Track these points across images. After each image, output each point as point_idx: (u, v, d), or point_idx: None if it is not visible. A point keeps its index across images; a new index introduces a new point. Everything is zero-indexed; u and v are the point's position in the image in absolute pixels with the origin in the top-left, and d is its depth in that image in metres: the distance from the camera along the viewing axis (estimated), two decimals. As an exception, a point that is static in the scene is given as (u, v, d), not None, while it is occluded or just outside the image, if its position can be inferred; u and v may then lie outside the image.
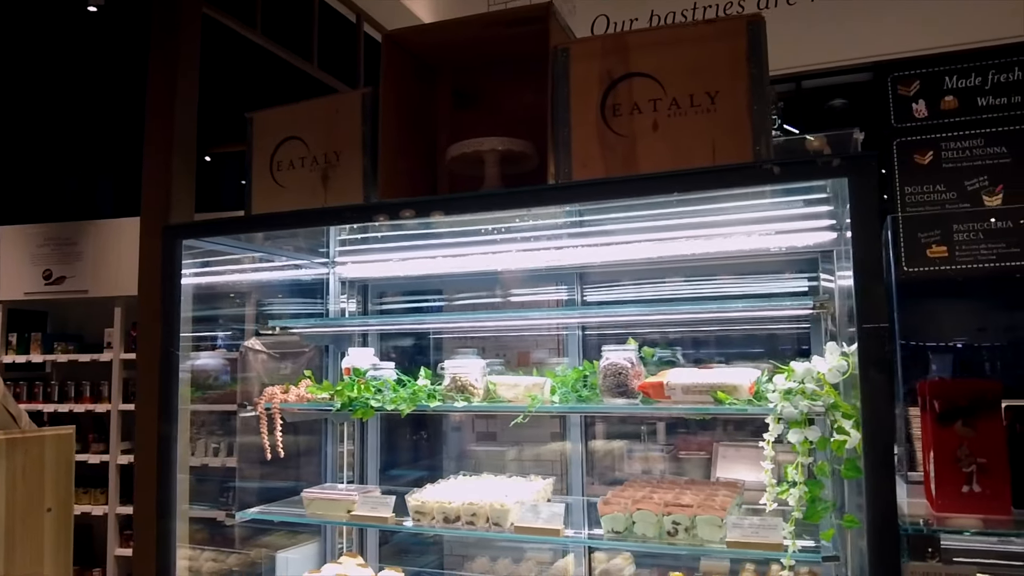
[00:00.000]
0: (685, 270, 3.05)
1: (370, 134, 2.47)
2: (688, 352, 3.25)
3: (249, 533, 3.68)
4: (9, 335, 6.26)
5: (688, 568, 2.92)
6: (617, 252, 2.90)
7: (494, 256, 3.02)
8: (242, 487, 3.58)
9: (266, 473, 3.30)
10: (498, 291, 3.37)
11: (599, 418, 3.44)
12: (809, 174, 1.84)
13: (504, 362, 3.45)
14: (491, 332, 3.54)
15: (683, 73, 2.06)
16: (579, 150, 2.14)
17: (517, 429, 3.70)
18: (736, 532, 2.15)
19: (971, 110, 4.85)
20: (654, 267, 3.04)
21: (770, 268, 2.96)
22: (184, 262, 2.74)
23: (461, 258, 3.05)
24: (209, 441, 5.87)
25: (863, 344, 1.84)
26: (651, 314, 2.79)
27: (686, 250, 2.77)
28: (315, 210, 2.47)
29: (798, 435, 2.12)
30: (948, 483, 1.94)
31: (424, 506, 2.55)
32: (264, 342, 3.64)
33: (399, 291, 3.55)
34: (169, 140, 2.84)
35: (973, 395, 1.95)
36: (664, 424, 3.61)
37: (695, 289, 3.03)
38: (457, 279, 3.35)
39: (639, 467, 3.52)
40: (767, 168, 1.84)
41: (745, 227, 2.65)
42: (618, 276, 3.17)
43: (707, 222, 2.62)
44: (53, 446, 2.93)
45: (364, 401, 2.69)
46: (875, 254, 1.83)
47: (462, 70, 2.74)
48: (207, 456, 5.82)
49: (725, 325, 3.07)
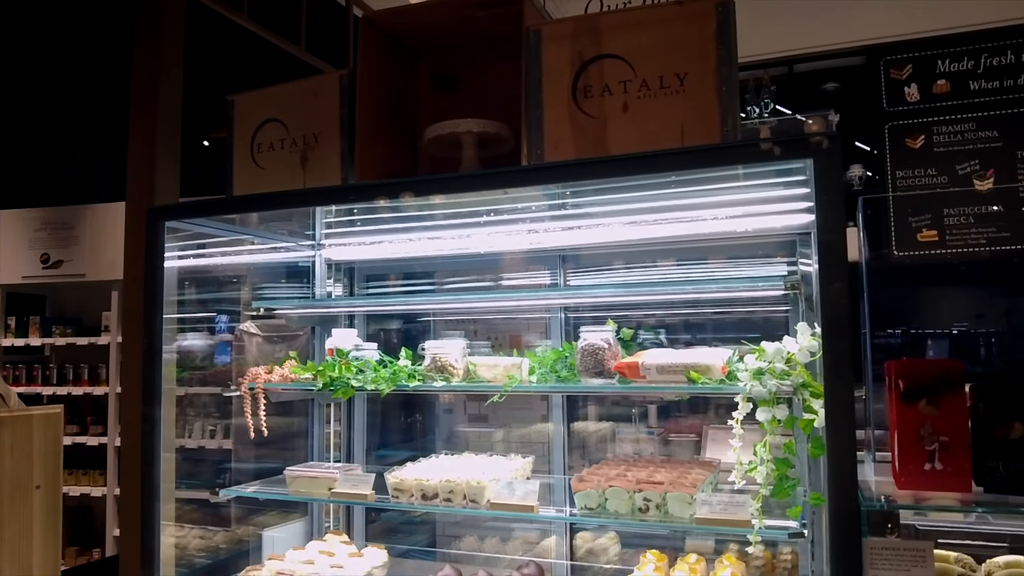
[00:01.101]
0: (666, 253, 3.07)
1: (348, 116, 2.50)
2: (674, 336, 3.28)
3: (243, 513, 3.73)
4: (8, 319, 6.33)
5: (673, 548, 2.96)
6: (599, 235, 2.92)
7: (478, 239, 3.05)
8: (236, 467, 3.64)
9: (260, 454, 3.35)
10: (482, 274, 3.40)
11: (591, 400, 3.48)
12: (773, 156, 1.85)
13: (492, 345, 3.49)
14: (478, 315, 3.57)
15: (653, 55, 2.08)
16: (551, 132, 2.16)
17: (506, 411, 3.75)
18: (705, 509, 2.18)
19: (963, 94, 4.85)
20: (635, 250, 3.07)
21: (753, 251, 2.98)
22: (172, 246, 2.77)
23: (445, 241, 3.07)
24: (206, 423, 5.93)
25: (826, 324, 1.87)
26: (629, 296, 2.82)
27: (667, 233, 2.80)
28: (290, 192, 2.50)
29: (766, 414, 2.15)
30: (911, 461, 1.97)
31: (403, 483, 2.59)
32: (259, 325, 3.68)
33: (385, 274, 3.58)
34: (153, 126, 2.86)
35: (937, 374, 1.97)
36: (655, 407, 3.65)
37: (675, 272, 3.05)
38: (442, 262, 3.38)
39: (629, 448, 3.56)
40: (733, 149, 1.86)
41: (727, 209, 2.66)
42: (600, 259, 3.19)
43: (687, 204, 2.63)
44: (41, 425, 2.97)
45: (345, 381, 2.73)
46: (838, 235, 1.85)
47: (441, 52, 2.76)
48: (204, 438, 5.87)
49: (706, 307, 3.09)
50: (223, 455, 5.59)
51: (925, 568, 1.80)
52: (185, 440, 5.91)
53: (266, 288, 3.80)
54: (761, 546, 3.11)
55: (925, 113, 4.91)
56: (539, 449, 3.46)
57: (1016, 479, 1.89)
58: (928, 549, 1.81)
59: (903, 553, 1.82)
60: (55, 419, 3.04)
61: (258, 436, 3.01)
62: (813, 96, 5.35)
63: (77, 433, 6.20)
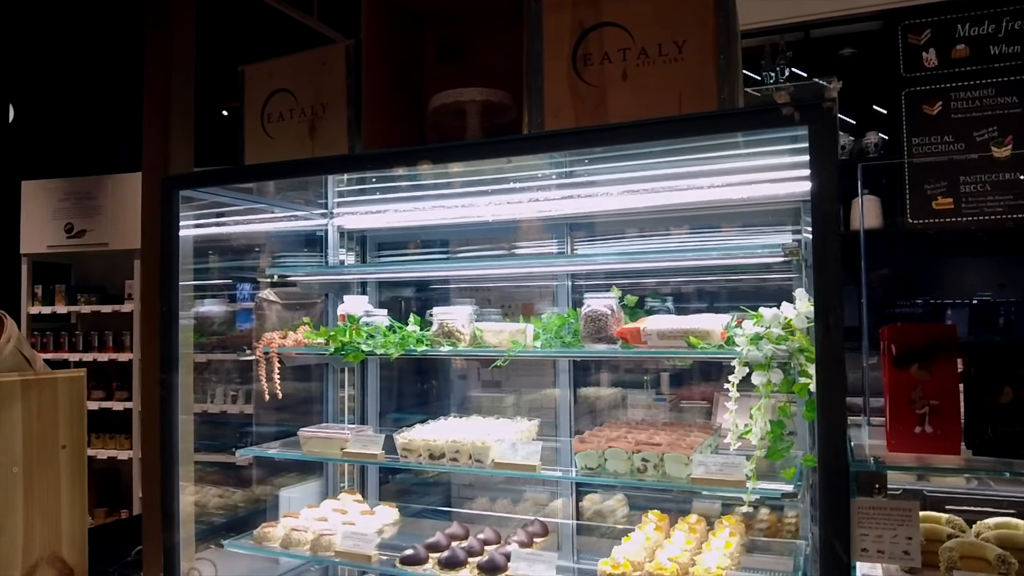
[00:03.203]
0: (673, 221, 3.10)
1: (354, 86, 2.54)
2: (683, 303, 3.32)
3: (264, 474, 3.86)
4: (35, 287, 6.49)
5: (682, 511, 3.03)
6: (605, 203, 2.95)
7: (486, 208, 3.09)
8: (256, 431, 3.75)
9: (280, 418, 3.46)
10: (491, 243, 3.45)
11: (602, 366, 3.54)
12: (768, 123, 1.87)
13: (505, 313, 3.55)
14: (489, 283, 3.63)
15: (652, 22, 2.09)
16: (551, 100, 2.19)
17: (519, 376, 3.82)
18: (700, 469, 2.24)
19: (983, 59, 4.76)
20: (642, 218, 3.10)
21: (762, 219, 2.99)
22: (187, 215, 2.85)
23: (454, 210, 3.12)
24: (228, 388, 6.08)
25: (818, 290, 1.90)
26: (632, 263, 2.86)
27: (673, 201, 2.82)
28: (294, 161, 2.56)
29: (761, 377, 2.19)
30: (901, 423, 2.01)
31: (411, 444, 2.68)
32: (278, 293, 3.78)
33: (397, 243, 3.64)
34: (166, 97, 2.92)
35: (929, 339, 2.00)
36: (668, 374, 3.71)
37: (680, 240, 3.08)
38: (451, 231, 3.43)
39: (640, 414, 3.62)
40: (727, 117, 1.88)
41: (732, 177, 2.68)
42: (608, 228, 3.22)
43: (693, 172, 2.66)
44: (66, 387, 3.09)
45: (355, 345, 2.81)
46: (831, 203, 1.88)
47: (448, 22, 2.78)
48: (226, 403, 6.03)
49: (712, 274, 3.12)
50: (244, 419, 5.75)
51: (910, 527, 1.85)
52: (207, 405, 6.08)
53: (283, 256, 3.88)
54: (767, 509, 3.19)
55: (943, 79, 4.83)
56: (548, 414, 3.54)
57: (1004, 442, 1.93)
58: (914, 509, 1.86)
59: (889, 512, 1.87)
60: (79, 382, 3.16)
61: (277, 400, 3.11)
62: (830, 62, 5.29)
63: (103, 398, 6.39)
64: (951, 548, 1.99)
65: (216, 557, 3.04)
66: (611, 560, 2.38)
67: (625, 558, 2.37)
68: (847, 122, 5.39)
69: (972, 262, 5.09)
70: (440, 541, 2.64)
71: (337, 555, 2.65)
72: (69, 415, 3.11)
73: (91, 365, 6.38)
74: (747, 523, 3.08)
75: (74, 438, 3.13)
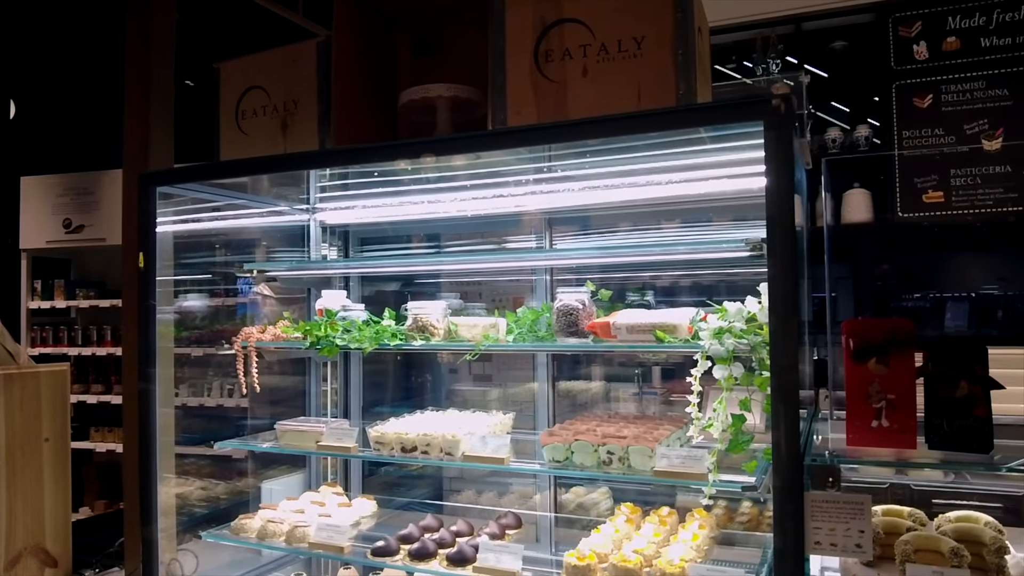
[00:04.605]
0: (649, 216, 3.11)
1: (325, 82, 2.56)
2: (663, 298, 3.34)
3: (251, 467, 3.90)
4: (34, 282, 6.56)
5: (665, 504, 3.05)
6: (583, 198, 2.96)
7: (464, 203, 3.11)
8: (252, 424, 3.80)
9: (275, 412, 3.49)
10: (471, 238, 3.48)
11: (585, 360, 3.57)
12: (721, 118, 1.89)
13: (490, 307, 3.58)
14: (470, 278, 3.66)
15: (612, 18, 2.10)
16: (514, 96, 2.21)
17: (501, 370, 3.85)
18: (664, 462, 2.26)
19: (974, 51, 4.74)
20: (619, 213, 3.11)
21: (741, 213, 3.00)
22: (167, 211, 2.88)
23: (433, 205, 3.14)
24: (224, 383, 6.14)
25: (771, 283, 1.91)
26: (606, 257, 2.88)
27: (649, 195, 2.83)
28: (264, 157, 2.58)
29: (722, 371, 2.21)
30: (859, 418, 2.01)
31: (383, 437, 2.71)
32: (272, 288, 3.82)
33: (379, 238, 3.67)
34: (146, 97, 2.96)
35: (887, 334, 2.01)
36: (647, 368, 3.72)
37: (656, 235, 3.09)
38: (431, 225, 3.46)
39: (620, 408, 3.64)
40: (681, 113, 1.90)
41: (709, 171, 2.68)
42: (586, 223, 3.24)
43: (667, 167, 2.66)
44: (49, 381, 3.14)
45: (330, 339, 2.84)
46: (785, 197, 1.89)
47: (421, 18, 2.80)
48: (222, 397, 6.09)
49: (688, 269, 3.14)
50: (241, 413, 5.80)
51: (862, 520, 1.87)
52: (204, 399, 6.14)
53: (268, 252, 3.92)
54: (749, 503, 3.20)
55: (934, 72, 4.81)
56: (529, 407, 3.56)
57: (959, 436, 1.94)
58: (866, 502, 1.87)
59: (842, 506, 1.88)
60: (62, 376, 3.21)
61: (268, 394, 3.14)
62: (821, 55, 5.27)
63: (102, 392, 6.45)
64: (906, 541, 2.00)
65: (199, 549, 3.08)
66: (577, 552, 2.40)
67: (591, 550, 2.39)
68: (842, 112, 5.38)
69: (964, 255, 5.07)
70: (413, 533, 2.67)
71: (311, 546, 2.68)
72: (52, 409, 3.16)
73: (90, 359, 6.45)
74: (729, 516, 3.10)
75: (57, 431, 3.18)
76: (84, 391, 6.43)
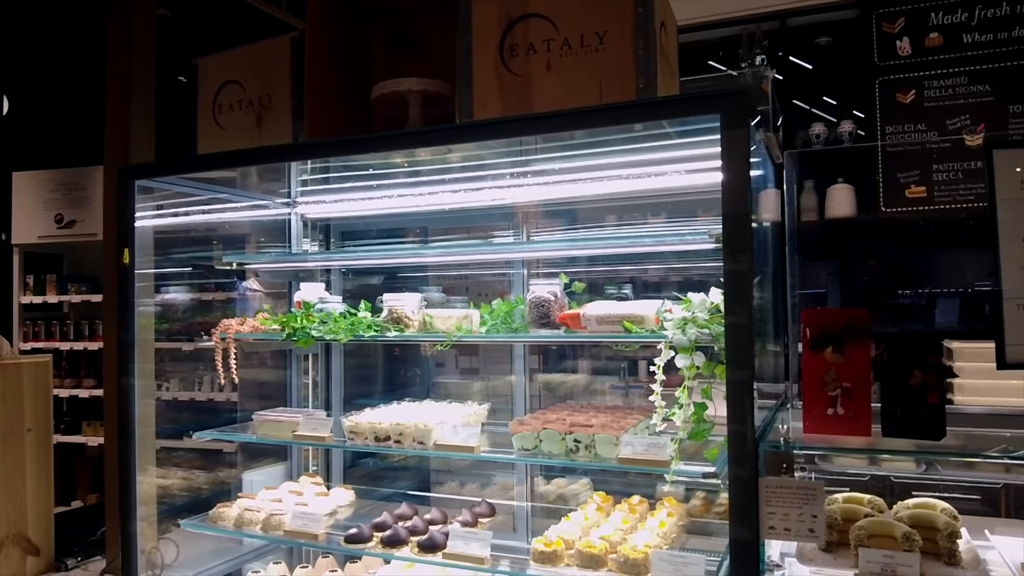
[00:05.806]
0: (622, 210, 3.16)
1: (299, 77, 2.60)
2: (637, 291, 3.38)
3: (233, 459, 3.95)
4: (27, 277, 6.60)
5: (645, 496, 3.09)
6: (558, 191, 3.00)
7: (443, 196, 3.14)
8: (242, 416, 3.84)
9: (264, 405, 3.53)
10: (449, 231, 3.52)
11: (560, 351, 3.60)
12: (679, 112, 1.92)
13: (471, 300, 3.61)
14: (448, 270, 3.70)
15: (575, 14, 2.14)
16: (480, 90, 2.24)
17: (481, 362, 3.88)
18: (628, 450, 2.30)
19: (956, 47, 4.76)
20: (595, 207, 3.15)
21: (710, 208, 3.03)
22: (148, 205, 2.91)
23: (410, 198, 3.18)
24: (214, 377, 6.18)
25: (726, 275, 1.95)
26: (578, 250, 2.92)
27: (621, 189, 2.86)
28: (234, 151, 2.62)
29: (684, 360, 2.24)
30: (815, 405, 2.05)
31: (357, 427, 2.75)
32: (261, 282, 3.86)
33: (360, 231, 3.71)
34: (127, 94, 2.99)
35: (843, 323, 2.05)
36: (622, 359, 3.77)
37: (628, 230, 3.13)
38: (409, 219, 3.49)
39: (595, 398, 3.68)
40: (639, 107, 1.93)
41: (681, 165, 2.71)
42: (562, 216, 3.28)
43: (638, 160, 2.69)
44: (31, 373, 3.19)
45: (307, 331, 2.87)
46: (741, 192, 1.93)
47: (397, 13, 2.83)
48: (212, 391, 6.15)
49: (660, 261, 3.17)
50: (231, 406, 5.85)
51: (815, 506, 1.90)
52: (195, 392, 6.20)
53: (252, 246, 3.95)
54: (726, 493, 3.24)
55: (917, 67, 4.84)
56: (508, 399, 3.60)
57: (912, 423, 1.97)
58: (818, 488, 1.91)
59: (795, 492, 1.92)
60: (44, 367, 3.25)
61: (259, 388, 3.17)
62: (806, 51, 5.30)
63: (94, 387, 6.49)
64: (861, 527, 2.04)
65: (180, 538, 3.12)
66: (544, 538, 2.44)
67: (559, 536, 2.43)
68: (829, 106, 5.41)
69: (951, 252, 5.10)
70: (386, 521, 2.71)
71: (286, 534, 2.73)
72: (35, 399, 3.20)
73: (82, 354, 6.49)
74: (707, 507, 3.13)
75: (40, 422, 3.23)
76: (76, 385, 6.47)
